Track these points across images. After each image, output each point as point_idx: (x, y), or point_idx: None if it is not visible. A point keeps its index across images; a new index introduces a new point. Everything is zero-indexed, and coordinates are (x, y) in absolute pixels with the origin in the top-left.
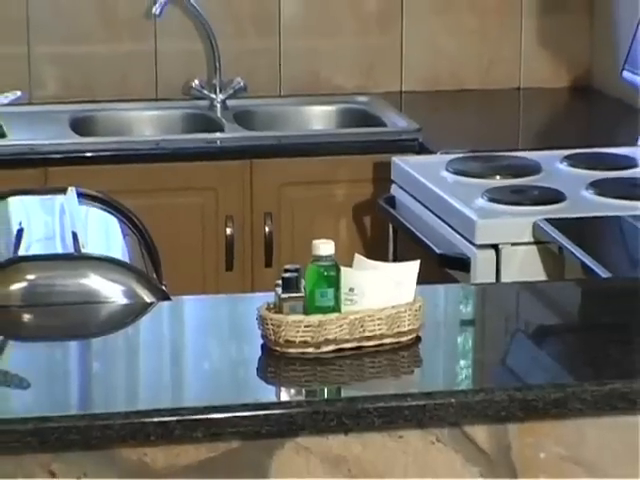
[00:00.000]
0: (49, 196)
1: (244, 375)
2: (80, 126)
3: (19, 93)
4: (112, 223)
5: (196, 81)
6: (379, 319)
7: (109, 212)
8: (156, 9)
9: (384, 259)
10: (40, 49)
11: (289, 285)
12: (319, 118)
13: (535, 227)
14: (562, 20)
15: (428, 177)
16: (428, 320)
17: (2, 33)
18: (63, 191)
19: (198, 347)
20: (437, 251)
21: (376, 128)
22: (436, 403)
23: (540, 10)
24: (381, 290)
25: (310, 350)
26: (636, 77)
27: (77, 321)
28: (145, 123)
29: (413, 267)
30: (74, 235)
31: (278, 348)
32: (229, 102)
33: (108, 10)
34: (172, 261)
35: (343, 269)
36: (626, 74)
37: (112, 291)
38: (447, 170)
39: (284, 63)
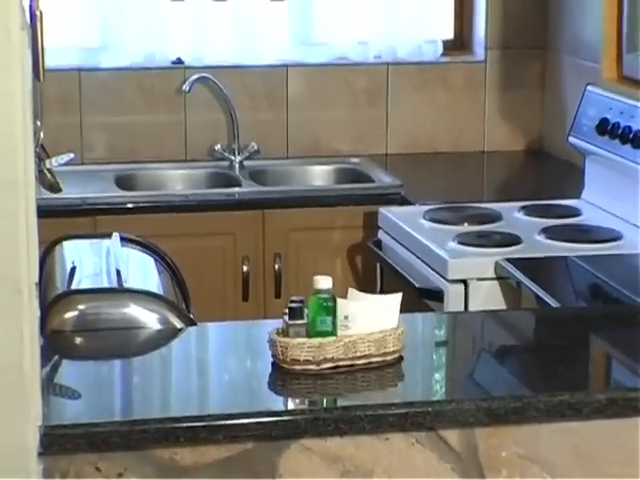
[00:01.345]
0: (97, 240)
1: (257, 387)
2: (123, 182)
3: (72, 155)
4: (149, 262)
5: (218, 145)
6: (368, 341)
7: (146, 253)
8: (186, 86)
9: (372, 292)
10: (90, 119)
11: (294, 313)
12: (319, 176)
13: (497, 265)
14: (518, 95)
15: (409, 224)
16: (409, 342)
17: (60, 106)
18: (109, 236)
19: (219, 364)
20: (416, 285)
21: (366, 184)
22: (416, 411)
23: (500, 87)
24: (370, 317)
25: (312, 367)
26: (580, 142)
27: (120, 343)
28: (176, 180)
29: (396, 298)
30: (118, 272)
31: (285, 365)
32: (245, 162)
33: (147, 87)
34: (198, 293)
35: (339, 300)
36: (572, 139)
37: (149, 319)
38: (424, 218)
39: (290, 131)
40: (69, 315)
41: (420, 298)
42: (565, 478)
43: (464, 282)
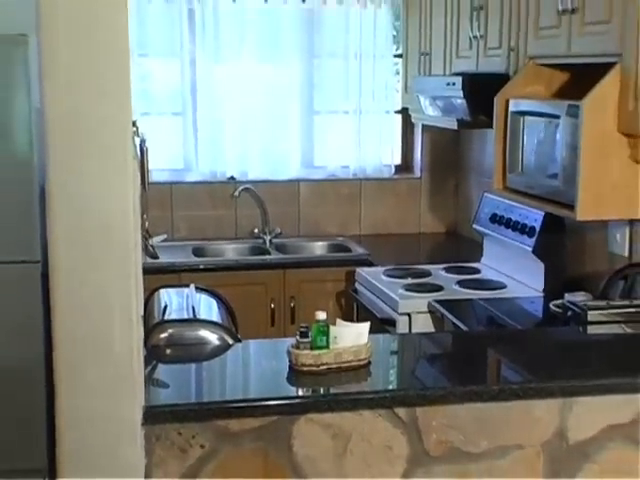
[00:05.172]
0: (180, 289)
1: (280, 380)
2: (197, 252)
3: (166, 235)
4: (212, 302)
5: (256, 229)
6: (349, 352)
7: (211, 296)
8: (236, 193)
9: (352, 321)
10: (177, 213)
11: (303, 335)
12: (319, 248)
13: (429, 304)
14: (441, 199)
15: (374, 278)
16: (374, 352)
17: (158, 205)
18: (187, 286)
19: (256, 366)
20: (378, 316)
21: (347, 253)
22: (379, 396)
23: (430, 194)
24: (350, 337)
25: (314, 369)
26: (480, 227)
27: (194, 353)
28: (230, 250)
29: (366, 325)
30: (193, 309)
31: (297, 367)
32: (273, 240)
33: (212, 194)
34: (243, 322)
35: (331, 326)
36: (475, 226)
37: (212, 338)
38: (384, 275)
39: (301, 220)
40: (162, 336)
41: (381, 325)
42: (473, 439)
43: (409, 315)
